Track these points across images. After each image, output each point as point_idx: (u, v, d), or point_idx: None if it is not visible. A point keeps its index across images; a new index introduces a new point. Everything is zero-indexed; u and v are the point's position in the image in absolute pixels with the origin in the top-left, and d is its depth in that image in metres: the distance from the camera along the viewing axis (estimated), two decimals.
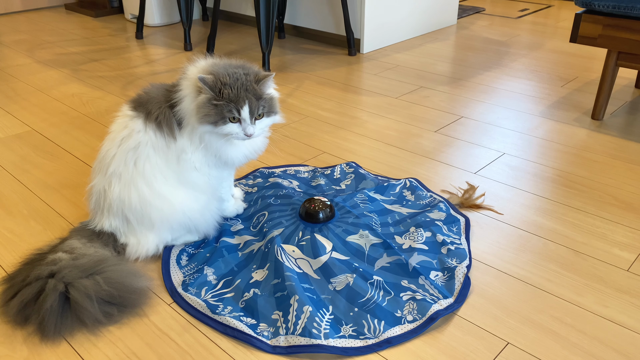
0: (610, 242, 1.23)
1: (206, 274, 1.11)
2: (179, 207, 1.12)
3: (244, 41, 2.84)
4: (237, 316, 1.01)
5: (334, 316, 1.01)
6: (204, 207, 1.16)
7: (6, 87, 2.18)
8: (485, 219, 1.31)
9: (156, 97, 1.12)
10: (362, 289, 1.06)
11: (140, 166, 1.09)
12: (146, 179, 1.09)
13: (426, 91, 2.13)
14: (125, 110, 1.14)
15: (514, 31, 2.99)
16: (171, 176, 1.11)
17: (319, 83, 2.23)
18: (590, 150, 1.64)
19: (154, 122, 1.09)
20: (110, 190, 1.11)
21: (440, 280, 1.09)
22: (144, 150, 1.09)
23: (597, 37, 1.72)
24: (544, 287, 1.10)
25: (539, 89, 2.14)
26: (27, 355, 0.94)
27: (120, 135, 1.11)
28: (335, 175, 1.47)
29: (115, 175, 1.10)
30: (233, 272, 1.12)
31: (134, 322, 1.02)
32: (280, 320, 1.00)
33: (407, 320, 1.00)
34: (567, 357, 0.94)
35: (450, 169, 1.54)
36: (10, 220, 1.32)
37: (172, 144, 1.10)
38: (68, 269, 0.99)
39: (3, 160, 1.60)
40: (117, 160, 1.10)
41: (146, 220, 1.11)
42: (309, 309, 0.99)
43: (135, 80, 2.26)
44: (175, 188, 1.12)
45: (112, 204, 1.11)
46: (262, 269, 1.12)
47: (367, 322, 0.99)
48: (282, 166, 1.54)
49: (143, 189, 1.09)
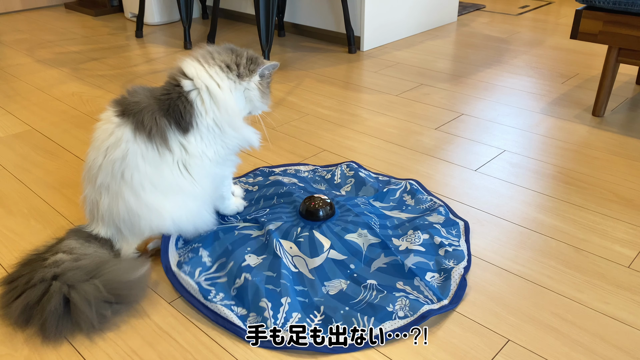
0: (611, 239, 1.22)
1: (201, 255, 1.13)
2: (167, 216, 1.09)
3: (244, 39, 2.84)
4: (228, 304, 1.03)
5: (325, 315, 1.01)
6: (194, 215, 1.13)
7: (6, 86, 2.18)
8: (486, 216, 1.31)
9: (147, 105, 1.07)
10: (354, 293, 1.06)
11: (127, 177, 1.06)
12: (133, 189, 1.06)
13: (426, 88, 2.13)
14: (111, 117, 1.09)
15: (515, 28, 2.99)
16: (161, 184, 1.08)
17: (319, 81, 2.22)
18: (591, 147, 1.63)
19: (146, 133, 1.05)
20: (101, 202, 1.09)
21: (436, 282, 1.08)
22: (132, 160, 1.05)
23: (597, 34, 1.72)
24: (544, 284, 1.09)
25: (539, 85, 2.14)
26: (28, 354, 0.95)
27: (106, 144, 1.07)
28: (336, 180, 1.46)
29: (104, 187, 1.08)
30: (227, 252, 1.13)
31: (135, 320, 1.02)
32: (268, 312, 1.00)
33: (398, 316, 1.00)
34: (568, 353, 0.93)
35: (450, 167, 1.54)
36: (10, 219, 1.32)
37: (166, 154, 1.07)
38: (72, 271, 0.99)
39: (3, 159, 1.61)
40: (104, 171, 1.07)
41: (136, 230, 1.10)
42: (297, 316, 1.00)
43: (135, 78, 2.26)
44: (164, 197, 1.09)
45: (104, 215, 1.10)
46: (258, 257, 1.12)
47: (357, 320, 0.99)
48: (282, 165, 1.54)
49: (130, 201, 1.07)
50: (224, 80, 1.11)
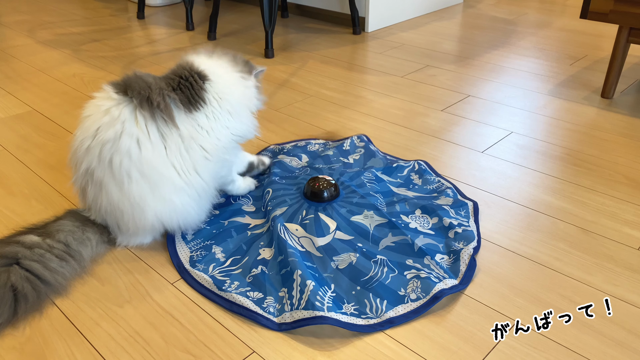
0: (620, 221, 1.20)
1: (214, 252, 1.11)
2: (150, 211, 1.04)
3: (247, 20, 2.80)
4: (243, 292, 1.01)
5: (336, 294, 0.99)
6: (178, 212, 1.07)
7: (7, 67, 2.16)
8: (493, 198, 1.29)
9: (155, 83, 1.04)
10: (365, 267, 1.04)
11: (116, 163, 0.99)
12: (119, 179, 1.00)
13: (432, 70, 2.10)
14: (109, 92, 1.03)
15: (522, 9, 2.94)
16: (151, 174, 1.01)
17: (323, 62, 2.19)
18: (599, 129, 1.61)
19: (151, 111, 1.01)
20: (88, 191, 1.05)
21: (445, 263, 1.07)
22: (125, 143, 0.99)
23: (608, 13, 1.68)
24: (552, 266, 1.08)
25: (547, 67, 2.10)
26: (30, 335, 0.94)
27: (98, 124, 1.01)
28: (345, 147, 1.45)
29: (89, 174, 1.03)
30: (242, 251, 1.11)
31: (138, 301, 1.00)
32: (285, 297, 0.99)
33: (411, 298, 0.98)
34: (577, 335, 0.92)
35: (457, 148, 1.52)
36: (11, 199, 1.31)
37: (172, 132, 1.03)
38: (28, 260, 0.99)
39: (4, 140, 1.59)
40: (90, 154, 1.01)
41: (121, 226, 1.08)
42: (312, 284, 0.98)
43: (136, 60, 2.23)
44: (150, 190, 1.02)
45: (91, 205, 1.08)
46: (270, 248, 1.10)
47: (370, 302, 0.98)
48: (293, 141, 1.53)
49: (112, 192, 1.02)
50: (233, 73, 1.16)
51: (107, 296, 1.02)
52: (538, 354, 0.89)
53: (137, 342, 0.92)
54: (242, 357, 0.89)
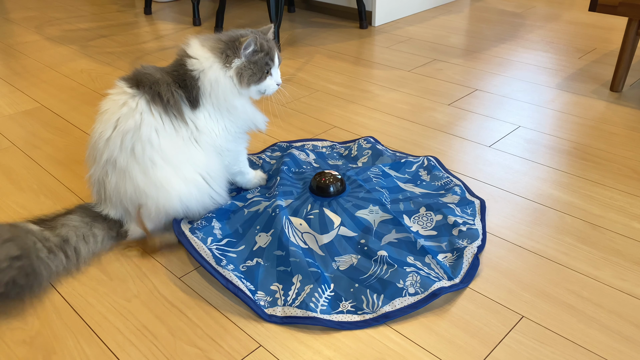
0: (628, 215, 1.19)
1: (213, 225, 1.13)
2: (174, 194, 1.07)
3: (253, 15, 2.80)
4: (238, 276, 1.03)
5: (335, 293, 1.00)
6: (203, 194, 1.12)
7: (15, 63, 2.17)
8: (500, 192, 1.29)
9: (162, 77, 1.07)
10: (365, 267, 1.05)
11: (138, 151, 1.04)
12: (143, 165, 1.04)
13: (439, 64, 2.09)
14: (123, 87, 1.07)
15: (530, 2, 2.91)
16: (175, 158, 1.06)
17: (330, 57, 2.19)
18: (608, 123, 1.59)
19: (163, 105, 1.05)
20: (107, 181, 1.07)
21: (448, 262, 1.06)
22: (146, 132, 1.04)
23: (617, 5, 1.66)
24: (559, 261, 1.07)
25: (555, 61, 2.09)
26: (39, 329, 0.95)
27: (117, 115, 1.05)
28: (353, 153, 1.44)
29: (110, 164, 1.06)
30: (238, 235, 1.12)
31: (145, 295, 1.01)
32: (279, 292, 1.00)
33: (409, 292, 0.98)
34: (584, 330, 0.92)
35: (464, 143, 1.51)
36: (20, 195, 1.32)
37: (182, 127, 1.08)
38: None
39: (13, 136, 1.60)
40: (112, 145, 1.04)
41: (144, 209, 1.09)
42: (310, 287, 0.99)
43: (144, 55, 2.24)
44: (174, 173, 1.07)
45: (111, 195, 1.08)
46: (266, 234, 1.11)
47: (367, 297, 0.98)
48: (300, 140, 1.53)
49: (137, 178, 1.05)
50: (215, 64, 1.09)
51: (115, 290, 1.03)
52: (545, 349, 0.88)
53: (144, 336, 0.93)
54: (249, 350, 0.90)
